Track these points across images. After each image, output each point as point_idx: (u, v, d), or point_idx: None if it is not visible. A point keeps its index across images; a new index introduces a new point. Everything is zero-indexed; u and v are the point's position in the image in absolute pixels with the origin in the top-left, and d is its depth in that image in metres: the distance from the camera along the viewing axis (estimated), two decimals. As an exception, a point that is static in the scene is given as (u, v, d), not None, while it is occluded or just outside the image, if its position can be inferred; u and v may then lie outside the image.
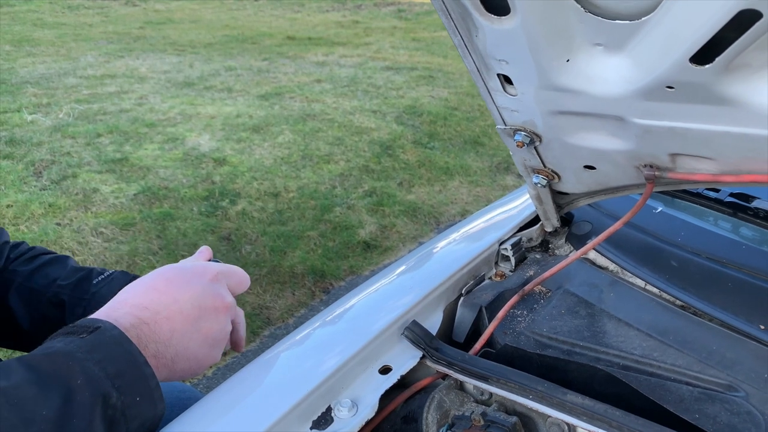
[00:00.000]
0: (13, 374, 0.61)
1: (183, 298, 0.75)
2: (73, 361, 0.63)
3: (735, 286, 0.97)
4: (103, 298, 0.99)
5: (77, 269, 1.06)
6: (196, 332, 0.75)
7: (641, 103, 0.73)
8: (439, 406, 0.84)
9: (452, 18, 0.74)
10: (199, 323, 0.75)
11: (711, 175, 0.82)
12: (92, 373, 0.62)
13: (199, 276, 0.78)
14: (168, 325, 0.73)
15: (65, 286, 1.01)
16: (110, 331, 0.67)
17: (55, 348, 0.64)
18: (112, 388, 0.63)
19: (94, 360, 0.63)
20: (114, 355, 0.65)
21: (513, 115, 0.88)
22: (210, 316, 0.76)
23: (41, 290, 1.01)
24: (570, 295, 1.03)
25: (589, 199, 1.09)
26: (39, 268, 1.05)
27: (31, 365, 0.62)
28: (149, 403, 0.68)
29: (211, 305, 0.76)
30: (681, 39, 0.61)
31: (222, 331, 0.78)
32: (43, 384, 0.60)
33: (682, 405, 0.79)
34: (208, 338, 0.76)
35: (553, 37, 0.69)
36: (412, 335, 0.91)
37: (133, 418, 0.66)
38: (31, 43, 8.95)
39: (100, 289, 1.01)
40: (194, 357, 0.75)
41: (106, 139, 5.19)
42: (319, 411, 0.80)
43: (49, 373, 0.61)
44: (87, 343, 0.65)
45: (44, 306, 1.01)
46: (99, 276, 1.03)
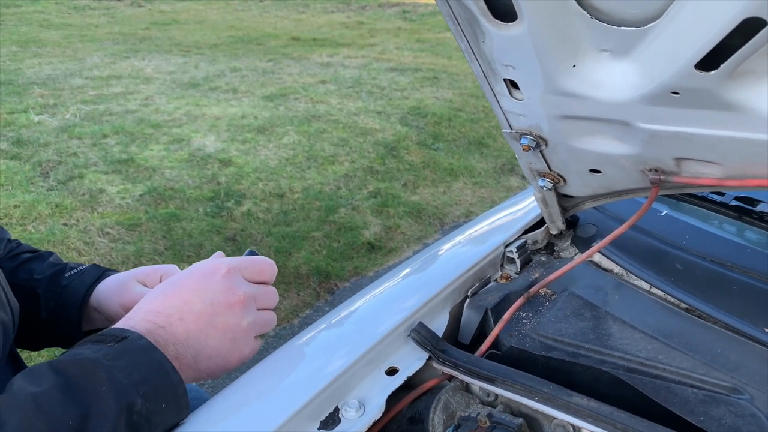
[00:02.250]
0: (43, 380, 0.62)
1: (193, 298, 0.76)
2: (99, 368, 0.64)
3: (740, 289, 0.98)
4: (74, 291, 1.00)
5: (54, 264, 1.07)
6: (212, 329, 0.75)
7: (647, 108, 0.74)
8: (445, 408, 0.84)
9: (459, 23, 0.75)
10: (214, 320, 0.76)
11: (716, 180, 0.82)
12: (117, 381, 0.64)
13: (209, 274, 0.79)
14: (182, 326, 0.74)
15: (40, 279, 1.03)
16: (138, 340, 0.69)
17: (83, 355, 0.66)
18: (137, 395, 0.64)
19: (119, 367, 0.64)
20: (140, 363, 0.66)
21: (519, 119, 0.89)
22: (225, 311, 0.76)
23: (21, 285, 1.02)
24: (575, 297, 1.04)
25: (595, 202, 1.09)
26: (22, 264, 1.06)
27: (59, 371, 0.63)
28: (175, 409, 0.69)
29: (223, 300, 0.77)
30: (686, 45, 0.62)
31: (240, 325, 0.78)
32: (70, 390, 0.61)
33: (687, 407, 0.80)
34: (226, 333, 0.76)
35: (560, 43, 0.70)
36: (419, 337, 0.92)
37: (157, 425, 0.67)
38: (37, 44, 9.00)
39: (71, 282, 1.02)
40: (216, 354, 0.76)
41: (112, 140, 5.22)
42: (326, 412, 0.81)
43: (77, 380, 0.62)
44: (114, 351, 0.66)
45: (23, 299, 1.01)
46: (72, 270, 1.04)
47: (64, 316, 0.99)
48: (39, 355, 2.62)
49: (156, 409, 0.66)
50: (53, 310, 1.00)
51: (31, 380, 0.63)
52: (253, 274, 0.83)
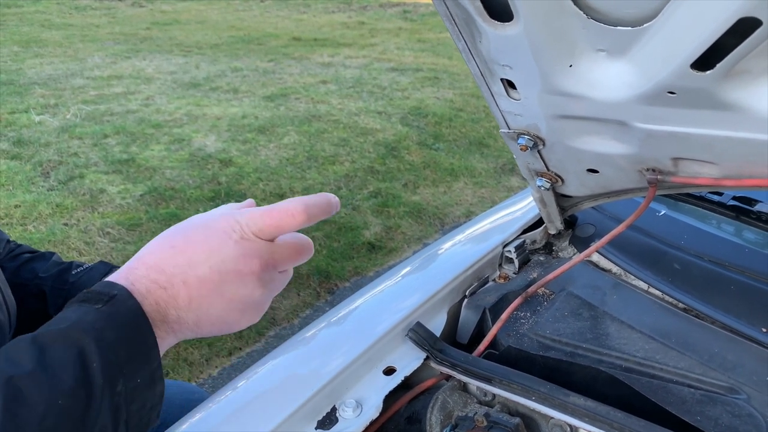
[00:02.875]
0: (24, 359, 0.58)
1: (200, 260, 0.68)
2: (88, 338, 0.59)
3: (737, 289, 0.98)
4: (83, 286, 0.97)
5: (59, 263, 1.07)
6: (218, 298, 0.68)
7: (643, 108, 0.74)
8: (442, 407, 0.84)
9: (456, 23, 0.75)
10: (221, 288, 0.68)
11: (713, 179, 0.83)
12: (107, 358, 0.59)
13: (221, 235, 0.69)
14: (185, 291, 0.67)
15: (46, 278, 1.02)
16: (126, 301, 0.63)
17: (69, 321, 0.61)
18: (121, 374, 0.60)
19: (110, 340, 0.60)
20: (127, 336, 0.62)
21: (516, 119, 0.89)
22: (234, 280, 0.69)
23: (25, 284, 1.02)
24: (573, 297, 1.04)
25: (593, 202, 1.09)
26: (24, 264, 1.06)
27: (44, 348, 0.59)
28: (149, 384, 0.64)
29: (233, 269, 0.68)
30: (682, 45, 0.62)
31: (251, 296, 0.70)
32: (54, 373, 0.58)
33: (684, 407, 0.80)
34: (233, 303, 0.69)
35: (556, 42, 0.70)
36: (417, 336, 0.92)
37: (131, 401, 0.63)
38: (38, 44, 9.01)
39: (79, 278, 1.02)
40: (220, 321, 0.70)
41: (112, 140, 5.22)
42: (323, 411, 0.81)
43: (60, 351, 0.58)
44: (102, 317, 0.61)
45: (28, 298, 1.02)
46: (78, 267, 1.04)
47: None
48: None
49: (133, 387, 0.62)
50: (62, 306, 1.00)
51: (11, 360, 0.58)
52: (271, 231, 0.71)
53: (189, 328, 0.69)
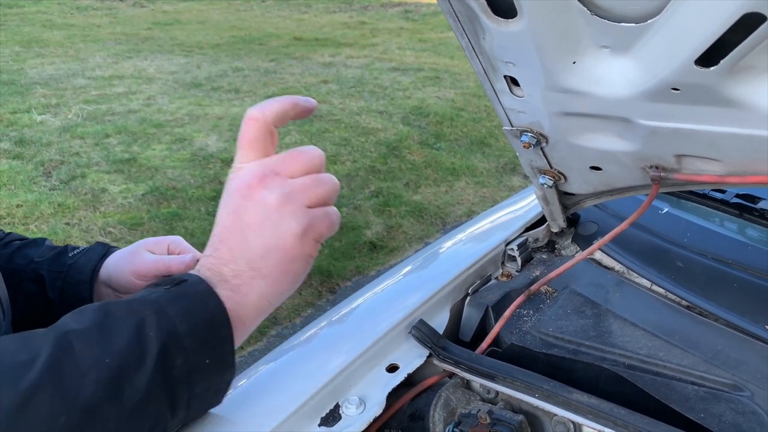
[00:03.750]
0: (86, 318, 0.59)
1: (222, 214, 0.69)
2: (149, 310, 0.60)
3: (740, 286, 0.98)
4: (82, 267, 0.99)
5: (53, 247, 1.06)
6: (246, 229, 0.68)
7: (647, 105, 0.74)
8: (445, 405, 0.84)
9: (460, 20, 0.75)
10: (242, 220, 0.68)
11: (716, 176, 0.82)
12: (167, 325, 0.60)
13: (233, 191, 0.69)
14: (224, 247, 0.68)
15: (42, 262, 1.02)
16: (196, 285, 0.64)
17: (137, 296, 0.63)
18: (182, 349, 0.60)
19: (171, 312, 0.60)
20: (193, 311, 0.62)
21: (519, 117, 0.89)
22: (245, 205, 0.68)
23: (21, 269, 1.02)
24: (576, 295, 1.04)
25: (596, 200, 1.09)
26: (17, 250, 1.06)
27: (106, 311, 0.60)
28: (219, 368, 0.65)
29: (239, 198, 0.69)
30: (686, 41, 0.62)
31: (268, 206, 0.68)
32: (110, 332, 0.58)
33: (688, 404, 0.80)
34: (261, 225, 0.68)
35: (560, 39, 0.70)
36: (419, 334, 0.92)
37: (197, 381, 0.63)
38: (40, 44, 9.02)
39: (77, 260, 1.01)
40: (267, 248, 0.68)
41: (114, 140, 5.23)
42: (327, 408, 0.81)
43: (121, 321, 0.59)
44: (168, 296, 0.62)
45: (25, 284, 1.02)
46: (74, 250, 1.04)
47: (73, 293, 0.99)
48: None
49: (198, 365, 0.62)
50: (61, 288, 0.99)
51: (76, 318, 0.60)
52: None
53: (251, 275, 0.67)
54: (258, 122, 0.71)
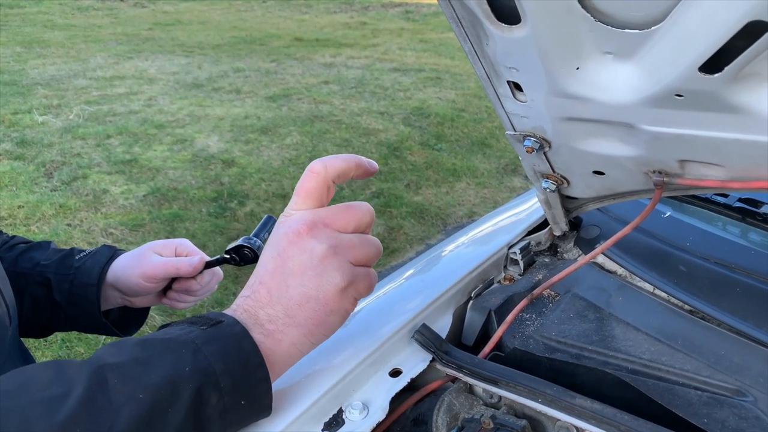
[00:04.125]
0: (125, 352, 0.59)
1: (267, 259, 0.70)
2: (186, 349, 0.60)
3: (743, 291, 0.98)
4: (89, 270, 1.00)
5: (58, 250, 1.07)
6: (288, 276, 0.69)
7: (650, 111, 0.74)
8: (448, 409, 0.84)
9: (463, 26, 0.75)
10: (286, 266, 0.69)
11: (719, 182, 0.82)
12: (202, 364, 0.60)
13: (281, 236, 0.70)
14: (263, 289, 0.69)
15: (49, 265, 1.02)
16: (232, 326, 0.65)
17: (173, 334, 0.63)
18: (217, 388, 0.61)
19: (207, 352, 0.61)
20: (228, 352, 0.62)
21: (522, 121, 0.89)
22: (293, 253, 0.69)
23: (27, 273, 1.02)
24: (578, 299, 1.04)
25: (598, 204, 1.09)
26: (22, 254, 1.06)
27: (144, 347, 0.60)
28: (254, 408, 0.66)
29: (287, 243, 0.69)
30: (690, 48, 0.62)
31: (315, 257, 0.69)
32: (149, 366, 0.58)
33: (691, 409, 0.80)
34: (304, 274, 0.69)
35: (563, 45, 0.70)
36: (422, 338, 0.92)
37: (231, 423, 0.63)
38: (41, 45, 9.03)
39: (84, 262, 1.02)
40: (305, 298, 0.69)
41: (115, 141, 5.23)
42: (330, 413, 0.81)
43: (157, 354, 0.59)
44: (204, 335, 0.62)
45: (31, 287, 1.02)
46: (81, 253, 1.04)
47: (81, 295, 0.99)
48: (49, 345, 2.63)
49: (232, 405, 0.62)
50: (68, 291, 1.00)
51: (113, 351, 0.60)
52: (303, 193, 0.71)
53: (285, 323, 0.69)
54: (318, 176, 0.71)
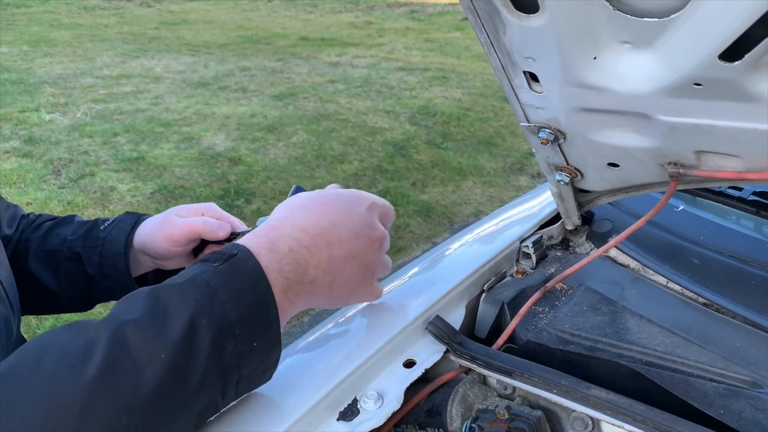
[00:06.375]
0: (137, 307, 0.58)
1: (341, 222, 0.73)
2: (202, 295, 0.60)
3: (758, 283, 0.97)
4: (115, 239, 0.99)
5: (83, 222, 1.07)
6: (351, 260, 0.73)
7: (668, 101, 0.74)
8: (463, 400, 0.84)
9: (479, 15, 0.75)
10: (355, 250, 0.73)
11: (736, 173, 0.82)
12: (219, 313, 0.60)
13: (356, 202, 0.76)
14: (327, 251, 0.71)
15: (76, 239, 1.02)
16: (246, 261, 0.64)
17: (186, 277, 0.62)
18: (233, 336, 0.60)
19: (222, 298, 0.60)
20: (244, 296, 0.62)
21: (537, 113, 0.89)
22: (365, 244, 0.74)
23: (56, 249, 1.02)
24: (591, 292, 1.04)
25: (611, 197, 1.09)
26: (49, 231, 1.06)
27: (157, 299, 0.59)
28: (266, 349, 0.65)
29: (367, 234, 0.75)
30: (710, 36, 0.62)
31: (375, 263, 0.77)
32: (163, 320, 0.58)
33: (707, 401, 0.79)
34: (362, 266, 0.75)
35: (581, 34, 0.70)
36: (436, 330, 0.92)
37: (245, 366, 0.63)
38: (48, 44, 9.06)
39: (109, 232, 1.01)
40: (349, 284, 0.74)
41: (122, 138, 5.25)
42: (345, 403, 0.81)
43: (172, 306, 0.59)
44: (218, 276, 0.62)
45: (63, 263, 1.02)
46: (105, 222, 1.04)
47: (111, 266, 0.99)
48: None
49: (246, 351, 0.62)
50: (98, 262, 1.00)
51: (127, 306, 0.59)
52: (383, 216, 0.80)
53: (322, 290, 0.71)
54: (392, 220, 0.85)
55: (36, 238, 1.04)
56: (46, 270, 1.02)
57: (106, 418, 0.53)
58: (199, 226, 0.95)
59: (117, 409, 0.53)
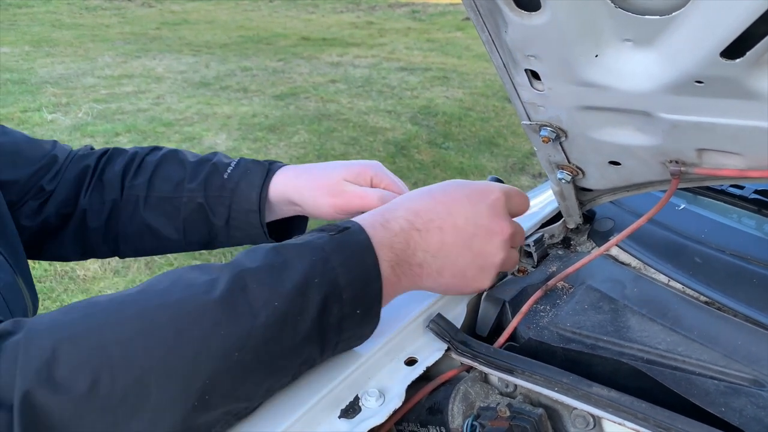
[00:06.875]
0: (259, 257, 0.63)
1: (459, 211, 0.74)
2: (317, 257, 0.64)
3: (759, 281, 0.98)
4: (246, 195, 0.97)
5: (195, 165, 1.02)
6: (466, 249, 0.74)
7: (669, 98, 0.74)
8: (464, 398, 0.85)
9: (481, 14, 0.75)
10: (471, 241, 0.74)
11: (737, 171, 0.82)
12: (330, 276, 0.64)
13: (479, 194, 0.77)
14: (438, 237, 0.72)
15: (195, 188, 0.99)
16: (358, 234, 0.68)
17: (304, 240, 0.66)
18: (339, 299, 0.64)
19: (335, 263, 0.64)
20: (353, 262, 0.66)
21: (539, 111, 0.89)
22: (484, 236, 0.75)
23: (171, 197, 1.00)
24: (593, 290, 1.04)
25: (612, 196, 1.09)
26: (154, 175, 1.02)
27: (277, 252, 0.64)
28: (366, 318, 0.69)
29: (486, 225, 0.75)
30: (712, 33, 0.62)
31: (494, 256, 0.77)
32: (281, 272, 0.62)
33: (708, 398, 0.80)
34: (478, 258, 0.75)
35: (583, 32, 0.70)
36: (437, 328, 0.92)
37: (345, 330, 0.67)
38: (49, 44, 9.07)
39: (237, 184, 0.98)
40: (461, 273, 0.76)
41: (124, 138, 5.26)
42: (347, 400, 0.81)
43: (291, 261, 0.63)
44: (334, 242, 0.66)
45: (182, 211, 1.00)
46: (227, 168, 1.00)
47: (242, 220, 0.98)
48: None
49: (349, 314, 0.66)
50: (227, 215, 0.99)
51: (250, 257, 0.63)
52: (514, 207, 0.81)
53: (430, 274, 0.74)
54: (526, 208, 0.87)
55: (140, 185, 1.01)
56: (163, 219, 1.00)
57: (222, 351, 0.57)
58: (375, 202, 0.94)
59: (231, 344, 0.58)
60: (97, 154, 1.10)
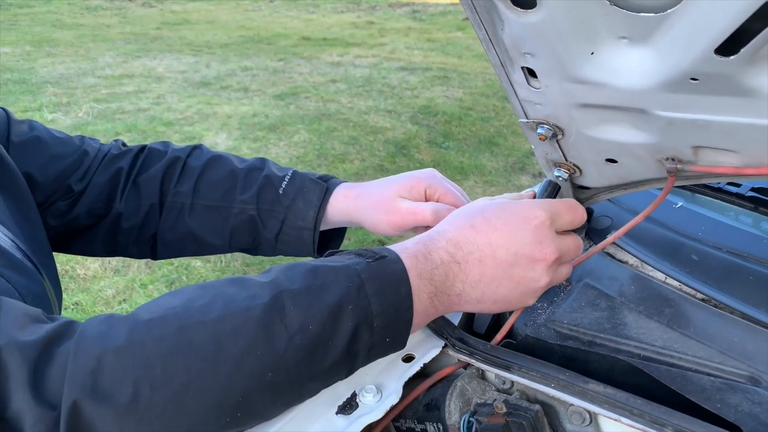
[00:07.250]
0: (298, 280, 0.64)
1: (499, 242, 0.73)
2: (352, 283, 0.65)
3: (756, 279, 0.98)
4: (303, 213, 0.97)
5: (246, 173, 1.01)
6: (506, 278, 0.74)
7: (665, 96, 0.74)
8: (461, 394, 0.85)
9: (477, 11, 0.76)
10: (512, 270, 0.73)
11: (733, 168, 0.82)
12: (363, 303, 0.64)
13: (521, 221, 0.75)
14: (478, 269, 0.72)
15: (248, 200, 0.99)
16: (394, 264, 0.68)
17: (341, 263, 0.67)
18: (370, 327, 0.65)
19: (369, 290, 0.65)
20: (387, 291, 0.66)
21: (536, 108, 0.89)
22: (525, 265, 0.74)
23: (220, 206, 0.99)
24: (590, 288, 1.04)
25: (609, 194, 1.09)
26: (199, 181, 1.01)
27: (316, 275, 0.64)
28: (395, 346, 0.70)
29: (527, 254, 0.74)
30: (706, 30, 0.62)
31: (537, 282, 0.76)
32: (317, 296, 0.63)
33: (704, 395, 0.80)
34: (519, 286, 0.75)
35: (578, 30, 0.70)
36: (435, 325, 0.92)
37: (372, 357, 0.69)
38: (50, 44, 9.08)
39: (293, 201, 0.98)
40: (503, 299, 0.75)
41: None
42: (344, 397, 0.81)
43: (327, 285, 0.64)
44: (370, 269, 0.66)
45: (232, 221, 0.99)
46: (281, 182, 0.99)
47: (294, 236, 0.99)
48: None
49: (379, 342, 0.67)
50: (279, 230, 0.99)
51: (289, 277, 0.64)
52: (565, 225, 0.79)
53: (468, 302, 0.74)
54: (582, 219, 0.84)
55: (185, 192, 0.99)
56: (210, 227, 0.99)
57: (257, 371, 0.58)
58: (428, 217, 0.94)
59: (266, 364, 0.59)
60: (131, 154, 1.06)
